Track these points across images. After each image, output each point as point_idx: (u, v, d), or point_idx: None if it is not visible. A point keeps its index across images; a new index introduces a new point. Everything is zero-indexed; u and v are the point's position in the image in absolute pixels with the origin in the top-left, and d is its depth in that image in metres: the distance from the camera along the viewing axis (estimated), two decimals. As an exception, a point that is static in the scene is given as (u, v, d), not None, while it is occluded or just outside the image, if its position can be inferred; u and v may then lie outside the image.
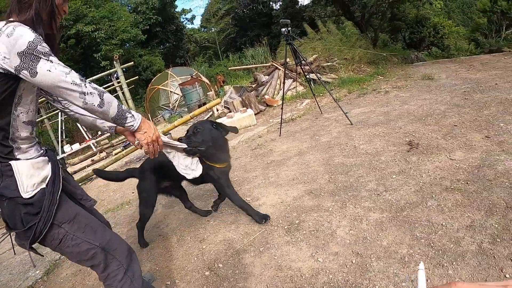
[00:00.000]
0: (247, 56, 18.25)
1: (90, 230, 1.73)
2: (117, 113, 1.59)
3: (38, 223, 1.51)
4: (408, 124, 4.28)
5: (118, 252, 1.82)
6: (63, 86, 1.42)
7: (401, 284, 1.90)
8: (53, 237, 1.60)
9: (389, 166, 3.31)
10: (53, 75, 1.40)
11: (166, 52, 27.81)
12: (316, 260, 2.30)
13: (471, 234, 2.12)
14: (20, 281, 3.40)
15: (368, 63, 9.89)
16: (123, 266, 1.82)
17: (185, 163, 2.29)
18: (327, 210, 2.86)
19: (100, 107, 1.52)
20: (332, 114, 5.83)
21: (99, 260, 1.74)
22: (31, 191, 1.50)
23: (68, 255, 1.71)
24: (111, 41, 21.11)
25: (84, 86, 1.47)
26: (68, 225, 1.63)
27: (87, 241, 1.69)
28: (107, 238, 1.81)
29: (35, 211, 1.51)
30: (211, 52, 30.63)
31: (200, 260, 2.74)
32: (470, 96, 4.74)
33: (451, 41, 17.41)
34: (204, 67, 21.91)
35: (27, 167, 1.51)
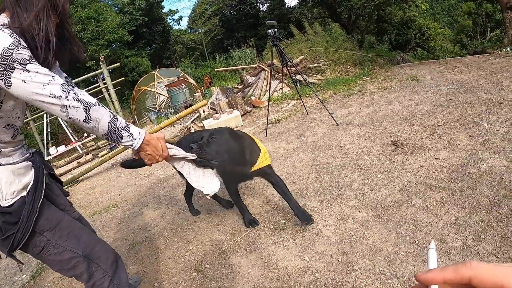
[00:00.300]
0: (234, 58, 18.26)
1: (73, 237, 1.66)
2: (107, 131, 1.41)
3: (16, 233, 1.44)
4: (393, 124, 4.33)
5: (102, 260, 1.77)
6: (39, 99, 1.28)
7: (387, 282, 1.93)
8: (35, 244, 1.54)
9: (374, 166, 3.35)
10: (28, 86, 1.26)
11: (153, 53, 27.62)
12: (302, 259, 2.32)
13: (456, 231, 2.17)
14: (7, 286, 3.34)
15: (354, 64, 9.97)
16: (108, 274, 1.77)
17: (197, 174, 1.97)
18: (313, 209, 2.88)
19: (87, 123, 1.36)
20: (318, 115, 5.87)
21: (81, 270, 1.67)
22: (11, 199, 1.42)
23: (49, 263, 1.65)
24: (97, 41, 20.89)
25: (65, 99, 1.30)
26: (50, 233, 1.57)
27: (69, 249, 1.62)
28: (91, 245, 1.75)
29: (13, 220, 1.43)
30: (197, 53, 30.52)
31: (187, 261, 2.73)
32: (455, 97, 4.83)
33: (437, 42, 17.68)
34: (190, 68, 21.83)
35: (7, 174, 1.42)
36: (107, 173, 6.79)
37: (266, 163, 2.49)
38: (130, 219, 3.91)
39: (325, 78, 8.69)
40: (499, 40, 14.53)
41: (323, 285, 2.05)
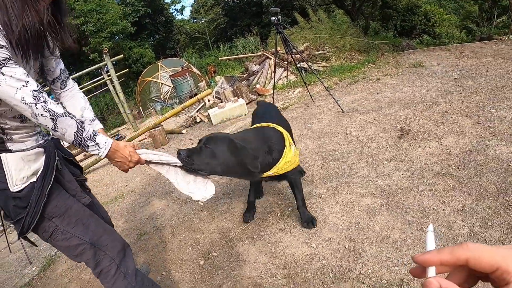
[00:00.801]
0: (238, 46, 18.13)
1: (81, 225, 1.68)
2: (74, 140, 1.44)
3: (25, 217, 1.48)
4: (399, 110, 4.30)
5: (109, 248, 1.78)
6: (13, 103, 1.30)
7: (394, 268, 1.93)
8: (44, 229, 1.58)
9: (380, 153, 3.33)
10: (3, 90, 1.26)
11: (156, 44, 27.55)
12: (309, 246, 2.33)
13: (463, 218, 2.16)
14: (17, 278, 3.39)
15: (359, 51, 9.87)
16: (115, 262, 1.79)
17: (186, 180, 1.87)
18: (320, 196, 2.88)
19: (54, 131, 1.39)
20: (324, 102, 5.84)
21: (87, 257, 1.70)
22: (20, 184, 1.45)
23: (58, 248, 1.70)
24: (100, 34, 20.82)
25: (35, 107, 1.31)
26: (58, 219, 1.60)
27: (77, 236, 1.65)
28: (98, 234, 1.76)
29: (23, 204, 1.48)
30: (201, 43, 30.37)
31: (194, 249, 2.75)
32: (461, 83, 4.77)
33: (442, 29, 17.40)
34: (194, 58, 21.73)
35: (17, 160, 1.46)
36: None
37: (286, 169, 2.30)
38: (137, 209, 3.94)
39: (330, 65, 8.62)
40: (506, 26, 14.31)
41: (330, 272, 2.06)
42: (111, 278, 1.77)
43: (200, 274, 2.43)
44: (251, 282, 2.19)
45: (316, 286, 2.00)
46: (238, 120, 6.75)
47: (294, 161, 2.31)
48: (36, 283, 3.16)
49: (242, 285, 2.19)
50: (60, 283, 3.00)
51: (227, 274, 2.34)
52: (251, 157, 2.04)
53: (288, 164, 2.26)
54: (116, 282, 1.77)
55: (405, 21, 17.04)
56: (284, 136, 2.33)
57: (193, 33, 31.94)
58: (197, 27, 33.00)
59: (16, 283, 3.30)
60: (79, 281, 2.90)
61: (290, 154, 2.27)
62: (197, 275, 2.44)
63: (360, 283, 1.91)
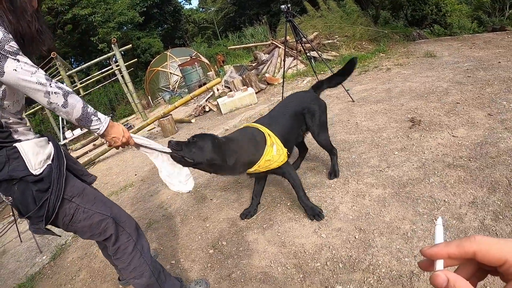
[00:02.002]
0: (247, 35, 18.03)
1: (100, 202, 1.78)
2: (81, 115, 1.57)
3: (50, 197, 1.54)
4: (410, 101, 4.24)
5: (127, 225, 1.88)
6: (28, 86, 1.42)
7: (404, 260, 1.91)
8: (65, 213, 1.64)
9: (391, 143, 3.29)
10: (19, 75, 1.39)
11: (165, 34, 27.47)
12: (319, 236, 2.32)
13: (474, 211, 2.13)
14: (28, 267, 3.44)
15: (369, 40, 9.73)
16: (133, 239, 1.87)
17: (170, 170, 2.03)
18: (330, 186, 2.86)
19: (64, 107, 1.51)
20: (334, 91, 5.78)
21: (111, 232, 1.78)
22: (39, 168, 1.53)
23: (80, 230, 1.74)
24: (108, 24, 20.79)
25: (49, 86, 1.46)
26: (79, 198, 1.67)
27: (99, 212, 1.73)
28: (116, 209, 1.87)
29: (45, 186, 1.54)
30: (210, 32, 30.30)
31: (204, 238, 2.76)
32: (473, 74, 4.68)
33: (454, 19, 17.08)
34: (203, 47, 21.70)
35: (32, 146, 1.53)
36: (123, 154, 6.87)
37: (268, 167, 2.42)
38: (146, 198, 3.96)
39: (340, 55, 8.52)
40: (519, 17, 14.00)
41: (339, 262, 2.05)
42: (128, 256, 1.84)
43: (209, 263, 2.44)
44: (260, 272, 2.19)
45: (325, 276, 1.99)
46: (248, 109, 6.72)
47: (276, 160, 2.40)
48: (46, 272, 3.21)
49: (251, 274, 2.20)
50: (70, 272, 3.04)
51: (236, 263, 2.34)
52: (229, 152, 2.23)
53: (269, 162, 2.38)
54: (133, 260, 1.85)
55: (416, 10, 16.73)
56: (266, 136, 2.43)
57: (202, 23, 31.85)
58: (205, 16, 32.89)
59: (27, 272, 3.35)
60: (89, 270, 2.94)
61: (271, 153, 2.38)
62: (206, 263, 2.45)
63: (370, 274, 1.90)
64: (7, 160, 1.48)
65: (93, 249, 3.18)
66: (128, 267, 1.84)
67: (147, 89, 16.19)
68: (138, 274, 1.85)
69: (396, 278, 1.82)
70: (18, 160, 1.49)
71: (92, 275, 2.85)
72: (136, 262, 1.85)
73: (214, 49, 22.33)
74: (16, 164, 1.49)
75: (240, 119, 6.05)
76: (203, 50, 20.24)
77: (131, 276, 1.87)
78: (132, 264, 1.84)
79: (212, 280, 2.27)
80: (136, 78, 22.15)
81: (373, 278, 1.87)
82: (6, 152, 1.48)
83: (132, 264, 1.84)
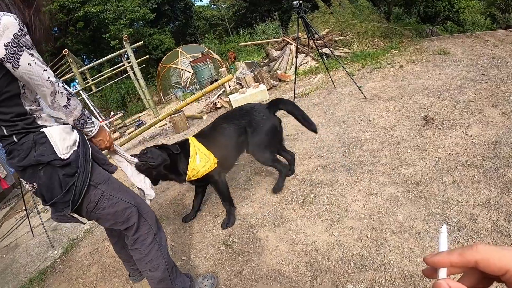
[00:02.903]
0: (258, 32, 18.02)
1: (124, 191, 1.82)
2: (79, 117, 1.65)
3: (77, 182, 1.57)
4: (423, 98, 4.18)
5: (149, 216, 1.91)
6: (39, 82, 1.44)
7: (416, 260, 1.89)
8: (90, 199, 1.66)
9: (404, 141, 3.26)
10: (32, 70, 1.42)
11: (176, 31, 27.52)
12: (331, 234, 2.31)
13: (487, 211, 2.09)
14: (39, 261, 3.49)
15: (382, 37, 9.61)
16: (153, 231, 1.91)
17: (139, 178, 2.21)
18: (342, 184, 2.84)
19: (66, 108, 1.56)
20: (346, 88, 5.74)
21: (134, 220, 1.81)
22: (66, 153, 1.56)
23: (103, 218, 1.77)
24: (119, 21, 20.88)
25: (57, 85, 1.50)
26: (104, 185, 1.71)
27: (123, 200, 1.77)
28: (139, 200, 1.90)
29: (72, 171, 1.57)
30: (221, 29, 30.27)
31: (215, 235, 2.77)
32: (487, 72, 4.59)
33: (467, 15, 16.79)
34: (214, 44, 21.68)
35: (59, 132, 1.57)
36: (134, 149, 6.91)
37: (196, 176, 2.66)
38: (158, 194, 3.98)
39: (352, 51, 8.44)
40: (533, 14, 13.70)
41: (351, 261, 2.04)
42: (146, 247, 1.86)
43: (220, 260, 2.45)
44: (271, 269, 2.19)
45: (337, 275, 1.98)
46: (259, 106, 6.70)
47: (201, 168, 2.62)
48: (58, 266, 3.25)
49: (262, 272, 2.20)
50: (81, 266, 3.07)
51: (247, 260, 2.35)
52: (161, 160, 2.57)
53: (195, 171, 2.61)
54: (151, 252, 1.87)
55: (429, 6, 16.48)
56: (191, 148, 2.67)
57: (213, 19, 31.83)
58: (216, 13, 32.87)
59: (38, 266, 3.40)
60: (100, 265, 2.97)
61: (194, 163, 2.61)
62: (217, 260, 2.45)
63: (381, 274, 1.88)
64: (33, 145, 1.50)
65: (104, 244, 3.22)
66: (144, 258, 1.86)
67: (158, 86, 16.25)
68: (153, 267, 1.87)
69: (407, 279, 1.80)
70: (45, 145, 1.52)
71: (103, 270, 2.88)
72: (153, 254, 1.87)
73: (225, 45, 22.30)
74: (43, 149, 1.51)
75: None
76: (214, 47, 20.22)
77: (146, 268, 1.88)
78: (149, 256, 1.86)
79: (222, 277, 2.28)
80: (148, 75, 22.23)
81: (384, 278, 1.85)
82: (33, 137, 1.51)
83: (149, 256, 1.86)
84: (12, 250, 4.07)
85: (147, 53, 20.01)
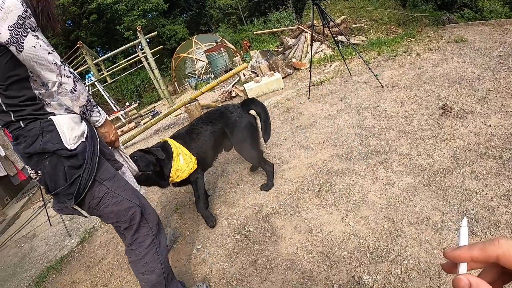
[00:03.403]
0: (272, 20, 17.86)
1: (130, 189, 1.77)
2: (85, 103, 1.60)
3: (82, 175, 1.53)
4: (441, 87, 4.09)
5: (151, 218, 1.86)
6: (44, 64, 1.42)
7: (433, 252, 1.86)
8: (93, 195, 1.61)
9: (421, 130, 3.19)
10: (37, 52, 1.39)
11: (190, 20, 27.48)
12: (347, 224, 2.29)
13: (506, 204, 2.04)
14: (57, 250, 3.57)
15: (398, 24, 9.42)
16: (152, 233, 1.85)
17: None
18: (358, 173, 2.81)
19: (72, 93, 1.52)
20: (362, 76, 5.66)
21: (137, 220, 1.76)
22: (73, 143, 1.52)
23: (106, 216, 1.71)
24: (133, 12, 20.93)
25: (63, 69, 1.47)
26: (110, 182, 1.66)
27: (128, 199, 1.72)
28: (143, 201, 1.85)
29: (78, 163, 1.53)
30: (235, 17, 30.02)
31: (230, 224, 2.78)
32: (506, 60, 4.45)
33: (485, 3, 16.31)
34: (229, 33, 21.58)
35: (67, 121, 1.53)
36: (150, 139, 6.98)
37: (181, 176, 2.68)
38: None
39: (367, 39, 8.30)
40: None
41: (367, 252, 2.02)
42: (144, 249, 1.81)
43: (235, 249, 2.46)
44: (287, 259, 2.19)
45: (352, 265, 1.97)
46: (274, 94, 6.68)
47: (186, 169, 2.67)
48: (74, 255, 3.32)
49: (277, 261, 2.20)
50: (98, 255, 3.13)
51: (262, 249, 2.35)
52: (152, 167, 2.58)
53: (179, 172, 2.65)
54: (148, 254, 1.82)
55: (446, -7, 16.08)
56: (172, 150, 2.69)
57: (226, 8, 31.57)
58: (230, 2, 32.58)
59: (56, 254, 3.48)
60: (116, 253, 3.02)
61: (178, 163, 2.65)
62: (232, 249, 2.47)
63: (397, 265, 1.86)
64: (40, 133, 1.47)
65: (121, 233, 3.26)
66: (141, 260, 1.81)
67: (173, 76, 16.31)
68: (149, 270, 1.83)
69: (424, 270, 1.77)
70: (53, 133, 1.48)
71: (119, 259, 2.93)
72: (150, 257, 1.82)
73: (239, 34, 22.15)
74: (50, 137, 1.47)
75: (267, 104, 6.02)
76: (228, 36, 20.13)
77: (141, 271, 1.83)
78: (145, 258, 1.81)
79: (238, 266, 2.29)
80: (162, 65, 22.32)
81: (400, 270, 1.83)
82: (41, 124, 1.47)
83: (145, 258, 1.81)
84: (30, 240, 4.17)
85: (161, 43, 20.08)
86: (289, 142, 3.91)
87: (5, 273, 3.58)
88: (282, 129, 4.44)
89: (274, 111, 5.42)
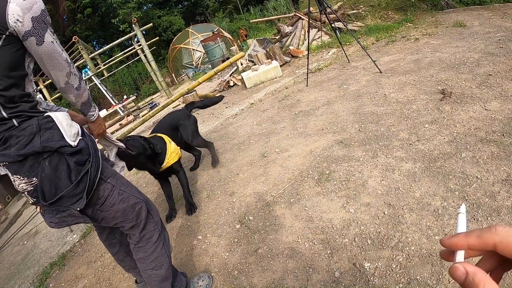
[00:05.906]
0: (269, 8, 17.72)
1: (132, 186, 1.76)
2: (87, 100, 1.64)
3: (90, 169, 1.48)
4: (440, 72, 4.04)
5: (155, 213, 1.86)
6: (58, 60, 1.44)
7: (434, 238, 1.85)
8: (98, 195, 1.55)
9: (421, 115, 3.17)
10: (55, 48, 1.41)
11: (185, 11, 27.24)
12: (347, 211, 2.28)
13: (507, 189, 2.02)
14: (59, 246, 3.57)
15: (396, 9, 9.32)
16: (158, 228, 1.85)
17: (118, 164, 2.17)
18: (358, 160, 2.79)
19: (77, 90, 1.56)
20: (360, 62, 5.61)
21: (143, 216, 1.75)
22: (75, 140, 1.48)
23: (110, 217, 1.64)
24: (127, 5, 20.79)
25: (72, 67, 1.51)
26: (114, 179, 1.65)
27: (133, 195, 1.71)
28: (145, 196, 1.84)
29: (83, 159, 1.48)
30: (231, 6, 29.74)
31: (230, 213, 2.77)
32: (505, 45, 4.40)
33: (483, -14, 16.19)
34: (225, 23, 21.38)
35: (66, 117, 1.50)
36: (148, 132, 6.94)
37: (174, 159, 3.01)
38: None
39: (365, 25, 8.22)
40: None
41: (368, 239, 2.01)
42: (152, 245, 1.80)
43: (236, 238, 2.45)
44: (287, 247, 2.18)
45: (353, 252, 1.96)
46: (272, 82, 6.64)
47: (177, 152, 3.09)
48: (77, 250, 3.33)
49: (278, 250, 2.19)
50: (100, 249, 3.13)
51: (263, 238, 2.34)
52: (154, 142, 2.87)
53: (173, 154, 3.02)
54: (156, 250, 1.81)
55: (444, -23, 15.92)
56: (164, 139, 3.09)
57: (222, -3, 31.31)
58: (225, -9, 32.28)
59: (58, 250, 3.50)
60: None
61: (172, 147, 3.05)
62: (233, 239, 2.46)
63: (399, 252, 1.85)
64: (37, 131, 1.37)
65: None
66: (149, 256, 1.80)
67: (170, 67, 16.23)
68: (158, 265, 1.82)
69: (425, 257, 1.76)
70: (52, 130, 1.40)
71: (122, 252, 2.92)
72: (158, 252, 1.81)
73: (236, 23, 21.97)
74: (50, 134, 1.39)
75: (266, 93, 5.98)
76: (225, 25, 19.97)
77: (150, 267, 1.81)
78: (154, 254, 1.80)
79: (239, 256, 2.28)
80: (159, 57, 22.18)
81: (402, 256, 1.82)
82: (38, 121, 1.38)
83: (154, 254, 1.80)
84: (32, 237, 4.18)
85: (157, 35, 19.91)
86: (288, 130, 3.89)
87: (9, 271, 3.60)
88: (280, 117, 4.41)
89: (273, 99, 5.39)
